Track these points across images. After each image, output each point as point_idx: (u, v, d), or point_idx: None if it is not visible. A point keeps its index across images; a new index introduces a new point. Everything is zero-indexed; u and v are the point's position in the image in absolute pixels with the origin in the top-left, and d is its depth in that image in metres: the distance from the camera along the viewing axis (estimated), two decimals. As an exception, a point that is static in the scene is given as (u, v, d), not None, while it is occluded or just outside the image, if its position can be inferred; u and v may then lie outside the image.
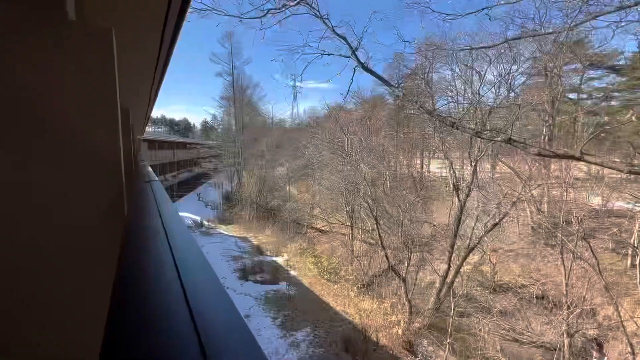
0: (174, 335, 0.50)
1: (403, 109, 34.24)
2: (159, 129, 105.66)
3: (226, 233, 19.03)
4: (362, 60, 5.41)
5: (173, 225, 1.24)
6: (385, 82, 5.63)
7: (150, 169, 4.67)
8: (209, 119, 42.74)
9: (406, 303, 10.33)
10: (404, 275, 10.81)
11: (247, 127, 33.33)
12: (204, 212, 26.09)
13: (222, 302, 0.60)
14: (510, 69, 11.44)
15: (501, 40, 7.10)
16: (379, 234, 11.29)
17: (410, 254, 12.48)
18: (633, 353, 9.17)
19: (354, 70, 6.03)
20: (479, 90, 10.59)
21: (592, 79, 27.54)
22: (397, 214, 13.32)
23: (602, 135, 18.19)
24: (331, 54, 5.98)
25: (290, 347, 7.90)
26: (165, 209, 1.61)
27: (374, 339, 8.16)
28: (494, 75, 11.80)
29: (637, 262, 13.91)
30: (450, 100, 21.40)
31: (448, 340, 9.30)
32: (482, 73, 11.02)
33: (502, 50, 11.51)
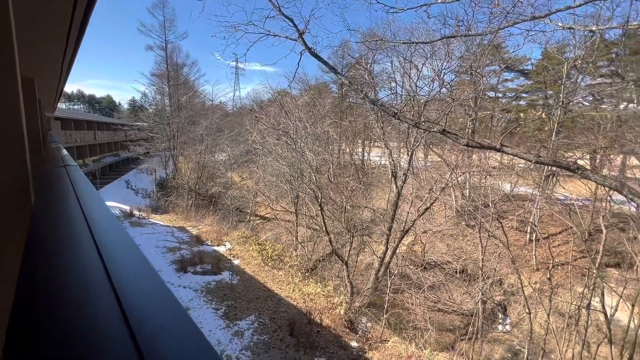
0: (101, 336, 0.43)
1: (346, 97, 35.08)
2: (76, 106, 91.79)
3: (161, 223, 17.63)
4: (310, 45, 5.31)
5: (96, 213, 1.07)
6: (332, 69, 5.61)
7: (65, 151, 4.02)
8: (137, 97, 38.29)
9: (348, 284, 10.85)
10: (346, 259, 11.30)
11: (183, 108, 30.80)
12: (134, 201, 23.71)
13: (159, 291, 0.53)
14: (443, 66, 12.41)
15: (437, 37, 7.59)
16: (324, 220, 11.57)
17: (352, 238, 13.08)
18: (529, 312, 11.04)
19: (301, 55, 5.89)
20: (416, 83, 11.28)
21: (506, 80, 31.47)
22: (340, 200, 13.75)
23: (517, 129, 21.02)
24: (277, 36, 5.73)
25: (234, 337, 7.76)
26: (85, 195, 1.40)
27: (318, 320, 8.44)
28: (429, 71, 12.68)
29: (534, 238, 16.65)
30: (391, 92, 22.49)
31: (385, 316, 10.06)
32: (420, 67, 11.75)
33: (437, 48, 12.41)
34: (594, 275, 10.16)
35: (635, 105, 19.15)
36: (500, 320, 15.44)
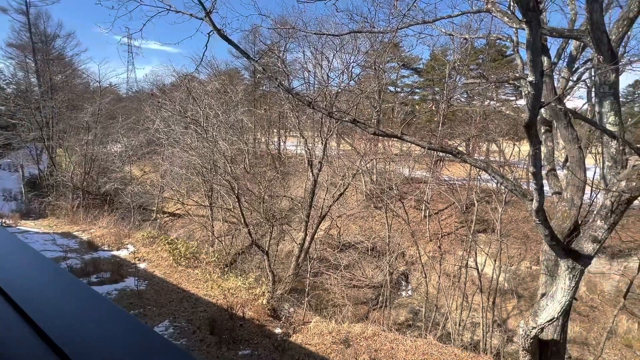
0: None
1: (260, 85, 34.19)
2: None
3: (36, 231, 14.38)
4: (218, 27, 4.97)
5: None
6: (244, 54, 5.37)
7: None
8: (-15, 73, 29.63)
9: (269, 274, 10.89)
10: (266, 249, 11.27)
11: (59, 90, 25.32)
12: (-8, 206, 18.68)
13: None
14: (351, 59, 13.20)
15: (345, 31, 8.02)
16: (241, 212, 11.23)
17: (272, 227, 13.10)
18: (425, 277, 13.01)
19: (209, 36, 5.47)
20: (328, 74, 11.72)
21: (403, 76, 35.39)
22: (258, 190, 13.53)
23: (413, 120, 23.89)
24: (180, 12, 5.19)
25: (145, 347, 7.01)
26: None
27: (240, 314, 8.27)
28: (339, 63, 13.32)
29: (427, 214, 19.52)
30: (305, 81, 22.84)
31: (306, 299, 10.48)
32: (330, 59, 12.24)
33: (345, 42, 13.10)
34: (470, 240, 12.56)
35: (495, 102, 23.92)
36: (404, 287, 17.80)
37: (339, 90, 12.46)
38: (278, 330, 8.28)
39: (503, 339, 12.65)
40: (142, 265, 11.45)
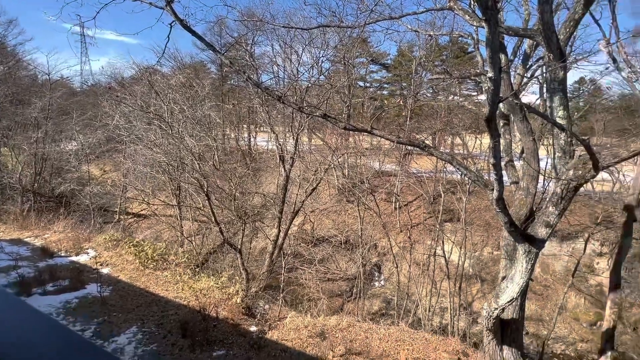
0: None
1: (228, 79, 33.19)
2: None
3: (-21, 238, 13.04)
4: (181, 17, 4.74)
5: None
6: (209, 46, 5.16)
7: None
8: None
9: (243, 272, 10.71)
10: (239, 247, 11.06)
11: (1, 83, 22.95)
12: None
13: None
14: (320, 54, 13.16)
15: (314, 25, 7.98)
16: (212, 210, 10.90)
17: (244, 225, 12.85)
18: (397, 267, 13.45)
19: (171, 27, 5.20)
20: (297, 68, 11.61)
21: (372, 71, 35.97)
22: (229, 187, 13.20)
23: (382, 114, 24.37)
24: (138, 0, 4.89)
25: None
26: None
27: (214, 314, 8.08)
28: (308, 57, 13.24)
29: (397, 206, 20.13)
30: (274, 75, 22.46)
31: (281, 295, 10.45)
32: (300, 53, 12.13)
33: (314, 36, 13.02)
34: (437, 229, 13.15)
35: (458, 97, 25.02)
36: (377, 278, 18.32)
37: (309, 85, 12.41)
38: (253, 328, 8.19)
39: (469, 321, 13.46)
40: (105, 270, 10.80)
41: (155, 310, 8.49)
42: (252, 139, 31.74)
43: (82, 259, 11.59)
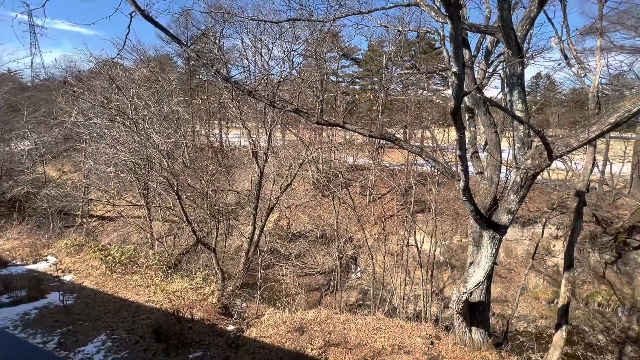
0: None
1: (196, 73, 31.99)
2: None
3: None
4: (142, 7, 4.49)
5: None
6: (174, 38, 4.93)
7: None
8: None
9: (218, 272, 10.49)
10: (213, 246, 10.81)
11: None
12: None
13: None
14: (291, 47, 13.02)
15: (284, 18, 7.86)
16: (183, 209, 10.53)
17: (218, 223, 12.56)
18: (372, 258, 13.77)
19: (131, 17, 4.92)
20: (268, 62, 11.43)
21: (344, 66, 36.18)
22: (200, 185, 12.82)
23: (354, 109, 24.61)
24: (93, -11, 4.57)
25: (78, 367, 6.29)
26: None
27: (189, 316, 7.87)
28: (279, 51, 13.05)
29: (371, 199, 20.53)
30: (244, 69, 21.95)
31: (258, 292, 10.38)
32: (270, 47, 11.93)
33: (285, 30, 12.85)
34: (410, 220, 13.58)
35: (427, 91, 25.79)
36: (353, 270, 18.65)
37: (281, 80, 12.26)
38: (231, 327, 8.08)
39: (441, 306, 14.10)
40: (67, 278, 10.16)
41: (126, 316, 8.13)
42: (223, 136, 30.93)
43: (41, 266, 10.82)
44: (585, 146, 6.23)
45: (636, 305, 13.78)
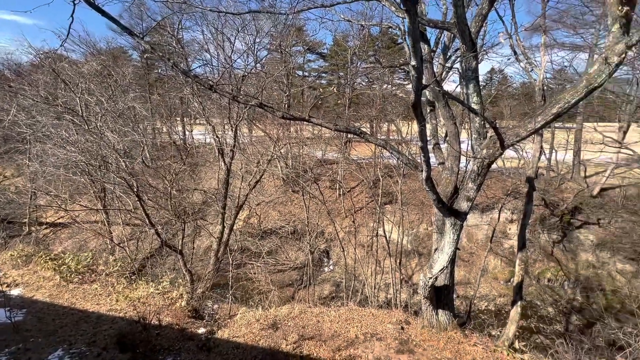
0: None
1: (154, 67, 30.24)
2: None
3: None
4: (86, -6, 4.14)
5: None
6: (124, 29, 4.59)
7: None
8: None
9: (186, 274, 10.13)
10: (180, 248, 10.39)
11: None
12: None
13: None
14: (255, 40, 12.70)
15: (245, 10, 7.63)
16: (145, 212, 9.98)
17: (184, 224, 12.07)
18: (343, 250, 14.00)
19: (74, 5, 4.54)
20: (231, 56, 11.08)
21: (310, 61, 36.00)
22: (163, 185, 12.22)
23: (321, 104, 24.64)
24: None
25: (32, 387, 5.78)
26: None
27: (156, 322, 7.53)
28: (242, 44, 12.67)
29: (341, 193, 20.81)
30: (205, 63, 21.12)
31: (230, 292, 10.17)
32: (232, 40, 11.55)
33: (247, 22, 12.48)
34: (378, 212, 13.96)
35: (391, 86, 26.44)
36: (326, 264, 18.86)
37: (245, 74, 11.94)
38: (202, 330, 7.86)
39: (410, 293, 14.73)
40: (15, 292, 9.29)
41: (85, 328, 7.61)
42: (187, 133, 29.64)
43: (-18, 282, 9.77)
44: (533, 135, 6.75)
45: (579, 279, 15.32)
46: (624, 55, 3.69)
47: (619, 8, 3.59)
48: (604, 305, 13.53)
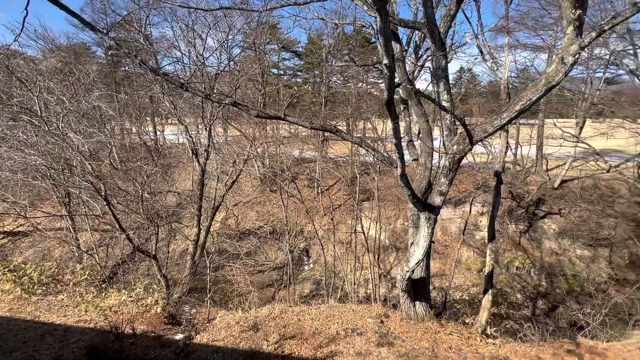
0: None
1: (121, 65, 28.84)
2: None
3: None
4: (42, -14, 3.87)
5: None
6: (85, 23, 4.33)
7: None
8: None
9: (161, 279, 9.78)
10: (153, 253, 10.00)
11: None
12: None
13: None
14: (227, 37, 12.39)
15: (216, 7, 7.45)
16: (114, 216, 9.51)
17: (158, 228, 11.63)
18: (323, 248, 14.06)
19: (29, -2, 4.26)
20: (202, 54, 10.79)
21: (285, 59, 35.74)
22: (134, 188, 11.71)
23: (296, 102, 24.55)
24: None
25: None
26: None
27: (130, 331, 7.23)
28: (214, 42, 12.37)
29: (319, 191, 20.88)
30: (176, 61, 20.42)
31: (208, 296, 9.94)
32: (204, 37, 11.24)
33: (219, 19, 12.17)
34: (356, 209, 14.15)
35: (366, 84, 26.81)
36: (306, 262, 18.87)
37: (218, 72, 11.66)
38: (179, 336, 7.62)
39: (388, 287, 15.06)
40: (-31, 308, 8.56)
41: (51, 342, 7.16)
42: (158, 133, 28.54)
43: None
44: (499, 131, 7.09)
45: (544, 266, 16.32)
46: (577, 56, 3.96)
47: (573, 11, 3.85)
48: (566, 289, 14.52)
